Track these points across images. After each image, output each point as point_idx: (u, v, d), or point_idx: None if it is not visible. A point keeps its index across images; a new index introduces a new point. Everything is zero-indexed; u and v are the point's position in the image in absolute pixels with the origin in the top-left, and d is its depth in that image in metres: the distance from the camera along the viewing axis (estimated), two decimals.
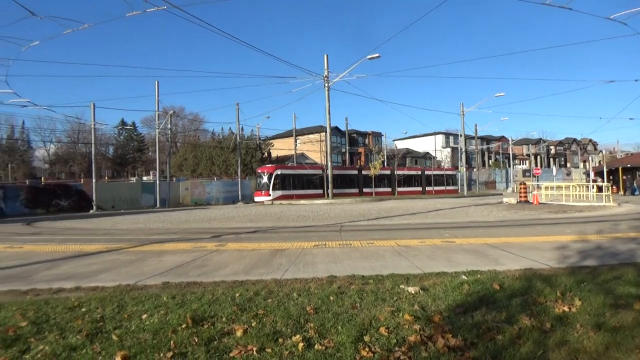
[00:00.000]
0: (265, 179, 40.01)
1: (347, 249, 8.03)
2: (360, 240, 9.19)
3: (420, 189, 54.70)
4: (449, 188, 58.53)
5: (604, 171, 41.63)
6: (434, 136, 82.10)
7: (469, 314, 3.75)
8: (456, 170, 62.98)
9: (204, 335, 3.38)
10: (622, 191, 39.74)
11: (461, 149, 55.19)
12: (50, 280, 5.86)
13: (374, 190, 47.31)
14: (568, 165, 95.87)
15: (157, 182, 37.83)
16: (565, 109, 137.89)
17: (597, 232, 9.71)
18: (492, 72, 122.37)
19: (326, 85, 31.62)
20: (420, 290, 4.58)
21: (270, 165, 43.52)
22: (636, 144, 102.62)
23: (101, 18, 37.77)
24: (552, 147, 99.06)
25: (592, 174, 43.53)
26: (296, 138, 56.24)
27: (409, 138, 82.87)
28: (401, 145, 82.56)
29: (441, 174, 59.51)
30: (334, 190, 43.00)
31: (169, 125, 42.25)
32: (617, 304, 3.94)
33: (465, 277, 5.11)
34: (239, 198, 42.92)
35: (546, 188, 26.87)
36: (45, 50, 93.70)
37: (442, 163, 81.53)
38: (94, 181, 34.41)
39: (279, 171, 40.75)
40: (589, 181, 33.02)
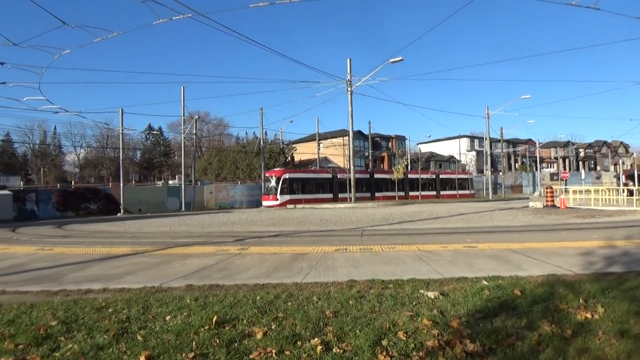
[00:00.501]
0: (273, 183, 39.41)
1: (368, 253, 8.04)
2: (381, 244, 9.19)
3: (435, 192, 53.36)
4: (465, 192, 57.12)
5: (635, 174, 40.38)
6: (458, 139, 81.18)
7: (488, 320, 3.74)
8: (476, 173, 62.03)
9: (225, 337, 3.46)
10: None
11: (486, 152, 54.34)
12: (80, 281, 6.07)
13: (385, 194, 46.23)
14: (598, 168, 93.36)
15: (183, 186, 38.46)
16: (595, 111, 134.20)
17: (626, 237, 9.46)
18: (518, 74, 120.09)
19: (349, 89, 31.66)
20: (440, 295, 4.57)
21: (278, 169, 42.88)
22: None
23: (129, 26, 38.75)
24: (581, 150, 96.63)
25: (623, 178, 42.32)
26: (319, 142, 56.42)
27: (433, 142, 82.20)
28: (425, 148, 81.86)
29: (457, 177, 58.27)
30: (339, 194, 42.60)
31: (195, 130, 43.01)
32: None
33: (486, 283, 5.08)
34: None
35: (574, 192, 26.27)
36: (76, 58, 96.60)
37: (466, 167, 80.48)
38: (121, 185, 35.20)
39: (287, 175, 40.19)
40: (620, 185, 32.12)
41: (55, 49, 14.82)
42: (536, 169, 71.44)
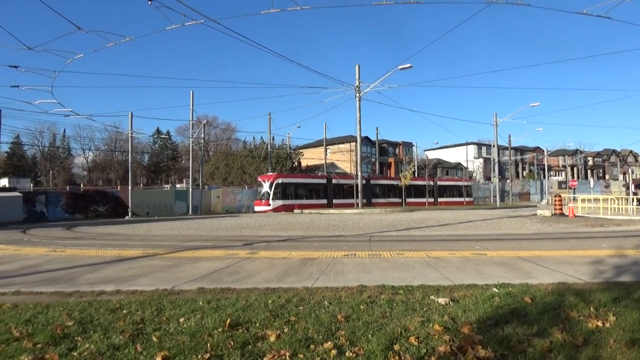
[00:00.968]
0: (266, 188, 38.43)
1: (377, 259, 8.07)
2: (389, 250, 9.22)
3: (432, 199, 52.51)
4: (464, 199, 56.68)
5: None
6: (465, 146, 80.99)
7: (499, 327, 3.76)
8: (483, 181, 61.59)
9: (239, 339, 3.51)
10: None
11: (494, 160, 54.17)
12: (93, 283, 6.15)
13: (382, 200, 45.50)
14: (606, 177, 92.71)
15: (190, 189, 38.65)
16: (604, 119, 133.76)
17: (636, 247, 9.41)
18: (527, 82, 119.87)
19: (357, 95, 31.76)
20: (450, 302, 4.60)
21: (271, 174, 42.03)
22: None
23: (141, 31, 39.12)
24: (589, 158, 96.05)
25: (632, 187, 41.97)
26: (326, 148, 56.50)
27: (441, 148, 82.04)
28: (432, 155, 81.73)
29: (456, 184, 57.79)
30: (334, 200, 42.05)
31: (203, 135, 43.21)
32: None
33: (496, 290, 5.09)
34: None
35: (583, 200, 26.13)
36: (87, 62, 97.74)
37: (474, 174, 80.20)
38: (130, 188, 35.46)
39: (280, 180, 39.19)
40: (629, 194, 31.90)
41: (68, 53, 15.06)
42: (544, 177, 71.03)
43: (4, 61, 41.46)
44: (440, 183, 55.00)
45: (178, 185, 57.15)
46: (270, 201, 37.82)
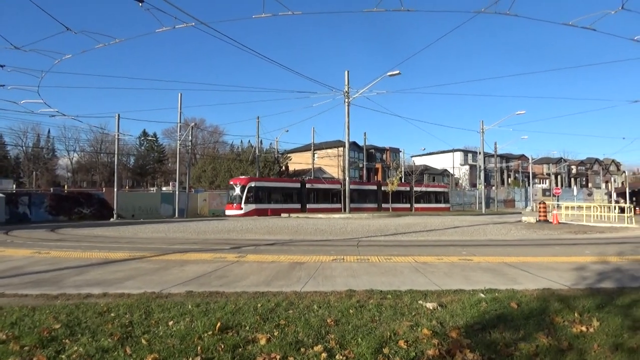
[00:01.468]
0: (238, 191, 37.28)
1: (365, 264, 8.11)
2: (377, 255, 9.27)
3: (409, 205, 52.27)
4: (441, 206, 56.71)
5: (626, 192, 40.83)
6: (452, 153, 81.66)
7: (486, 331, 3.82)
8: (469, 187, 62.02)
9: (229, 343, 3.52)
10: None
11: (480, 167, 54.69)
12: (79, 285, 6.09)
13: (358, 205, 43.95)
14: (589, 185, 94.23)
15: (177, 192, 38.35)
16: (588, 129, 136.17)
17: (618, 254, 9.61)
18: (513, 90, 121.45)
19: (346, 100, 31.88)
20: (438, 307, 4.66)
21: (244, 177, 40.86)
22: None
23: (131, 33, 38.78)
24: (573, 166, 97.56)
25: (614, 195, 42.74)
26: (314, 152, 56.54)
27: (427, 155, 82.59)
28: (419, 161, 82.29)
29: (433, 190, 57.65)
30: (308, 204, 41.50)
31: (190, 137, 42.94)
32: (636, 325, 3.96)
33: (483, 295, 5.17)
34: None
35: (566, 208, 26.54)
36: (75, 63, 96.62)
37: (460, 180, 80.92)
38: (115, 190, 35.07)
39: (252, 183, 38.22)
40: (611, 202, 32.45)
41: (56, 54, 14.86)
42: (529, 185, 72.00)
43: None
44: (416, 189, 54.36)
45: (164, 188, 56.61)
46: (243, 205, 36.86)
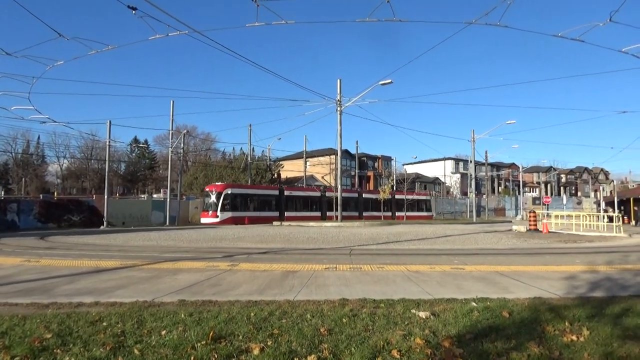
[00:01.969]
0: (214, 199, 36.32)
1: (358, 272, 8.13)
2: (370, 264, 9.29)
3: (390, 213, 51.77)
4: (424, 214, 56.64)
5: (615, 201, 41.27)
6: (443, 162, 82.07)
7: (478, 340, 3.85)
8: (460, 195, 62.17)
9: (223, 352, 3.51)
10: (633, 222, 39.31)
11: (471, 175, 55.08)
12: (70, 294, 6.04)
13: (342, 214, 44.33)
14: (579, 194, 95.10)
15: (168, 200, 38.12)
16: (577, 138, 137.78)
17: (607, 263, 9.71)
18: (504, 100, 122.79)
19: (339, 109, 32.02)
20: (431, 316, 4.68)
21: (220, 184, 39.98)
22: None
23: (124, 40, 38.75)
24: (562, 175, 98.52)
25: (603, 204, 43.19)
26: (306, 160, 56.58)
27: (419, 163, 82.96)
28: (411, 169, 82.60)
29: (415, 198, 57.41)
30: (286, 212, 40.91)
31: (182, 144, 42.79)
32: (625, 334, 4.01)
33: (475, 304, 5.20)
34: None
35: (556, 217, 26.76)
36: (67, 69, 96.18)
37: (451, 189, 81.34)
38: (106, 197, 34.80)
39: (229, 190, 37.17)
40: (600, 211, 32.79)
41: (48, 60, 14.81)
42: (519, 193, 72.49)
43: None
44: (398, 197, 53.66)
45: (155, 195, 56.29)
46: (219, 212, 35.92)
